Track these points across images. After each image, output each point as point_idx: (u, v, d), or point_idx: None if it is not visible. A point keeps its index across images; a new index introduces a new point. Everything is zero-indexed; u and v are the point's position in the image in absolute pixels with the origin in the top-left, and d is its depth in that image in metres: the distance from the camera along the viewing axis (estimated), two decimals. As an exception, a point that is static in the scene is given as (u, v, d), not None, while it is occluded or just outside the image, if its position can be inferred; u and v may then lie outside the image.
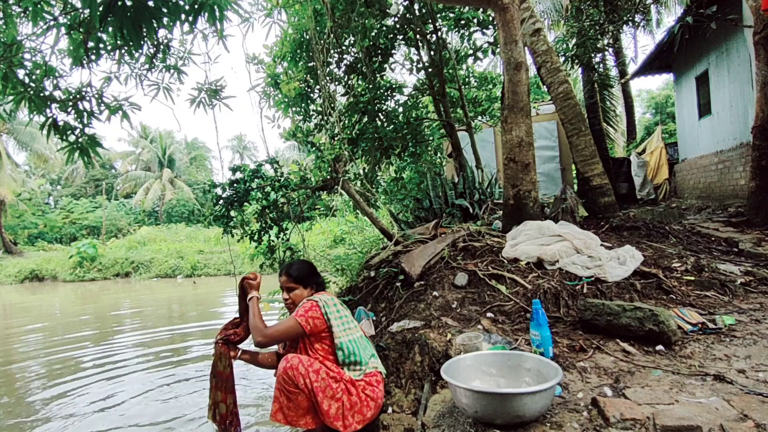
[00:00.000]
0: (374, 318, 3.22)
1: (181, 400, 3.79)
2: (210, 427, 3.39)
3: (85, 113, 3.52)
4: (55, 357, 5.68)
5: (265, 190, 4.78)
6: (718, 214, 5.95)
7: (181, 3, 2.45)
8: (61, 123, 3.40)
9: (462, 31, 6.61)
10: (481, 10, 6.21)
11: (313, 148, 5.52)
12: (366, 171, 7.21)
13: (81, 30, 3.14)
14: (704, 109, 8.55)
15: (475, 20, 6.36)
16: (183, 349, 5.87)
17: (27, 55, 3.46)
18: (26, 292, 14.45)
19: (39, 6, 2.94)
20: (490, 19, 6.21)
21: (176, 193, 31.04)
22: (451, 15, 6.42)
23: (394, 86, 7.04)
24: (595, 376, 1.98)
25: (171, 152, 33.42)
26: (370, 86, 6.53)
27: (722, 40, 7.35)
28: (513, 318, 2.77)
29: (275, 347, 2.59)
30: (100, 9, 2.18)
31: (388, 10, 6.14)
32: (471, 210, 5.37)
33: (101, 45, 3.31)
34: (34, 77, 3.43)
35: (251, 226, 4.98)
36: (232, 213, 4.71)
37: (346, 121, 6.78)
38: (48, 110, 3.38)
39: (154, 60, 3.98)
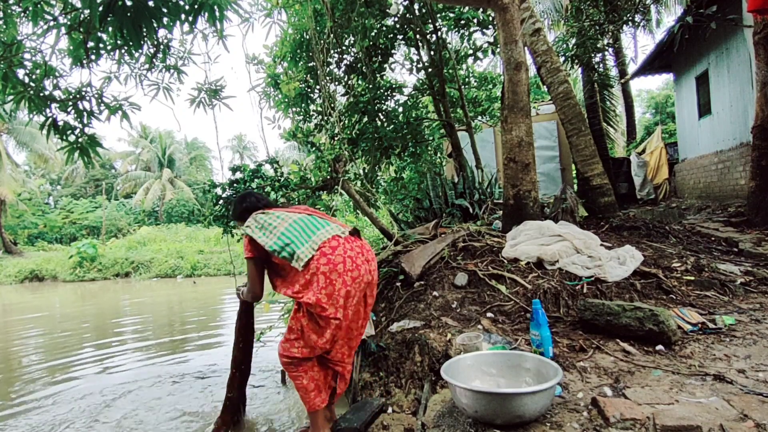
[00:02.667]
0: (374, 318, 3.22)
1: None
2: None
3: (85, 113, 3.51)
4: (53, 345, 5.85)
5: (265, 190, 4.79)
6: (718, 214, 5.95)
7: (181, 3, 2.45)
8: (61, 123, 3.40)
9: (462, 31, 6.61)
10: (481, 10, 6.21)
11: (313, 148, 5.53)
12: (366, 171, 7.22)
13: (81, 30, 3.13)
14: (704, 109, 8.54)
15: (475, 20, 6.36)
16: (180, 333, 6.11)
17: (27, 55, 3.45)
18: (26, 292, 14.44)
19: (39, 6, 2.94)
20: (490, 19, 6.21)
21: (176, 193, 30.98)
22: (451, 15, 6.42)
23: (394, 86, 7.04)
24: (595, 376, 1.98)
25: (171, 152, 33.37)
26: (370, 86, 6.52)
27: (722, 40, 7.34)
28: (513, 318, 2.77)
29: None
30: (100, 9, 2.18)
31: (388, 10, 6.13)
32: (471, 210, 5.37)
33: (101, 45, 3.31)
34: (34, 77, 3.42)
35: (251, 226, 4.98)
36: (232, 213, 4.71)
37: (346, 121, 6.78)
38: (48, 110, 3.37)
39: (154, 60, 3.98)
